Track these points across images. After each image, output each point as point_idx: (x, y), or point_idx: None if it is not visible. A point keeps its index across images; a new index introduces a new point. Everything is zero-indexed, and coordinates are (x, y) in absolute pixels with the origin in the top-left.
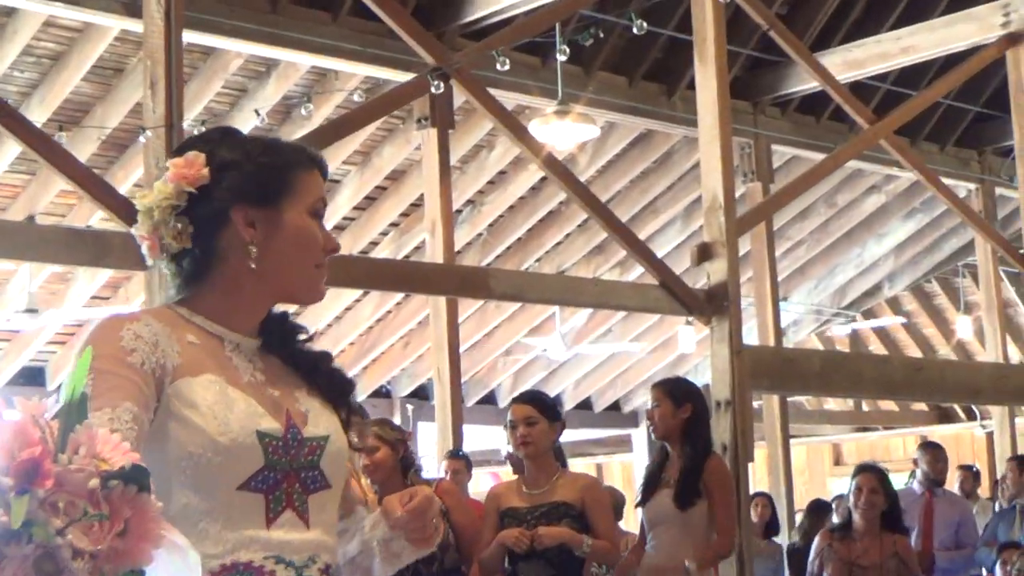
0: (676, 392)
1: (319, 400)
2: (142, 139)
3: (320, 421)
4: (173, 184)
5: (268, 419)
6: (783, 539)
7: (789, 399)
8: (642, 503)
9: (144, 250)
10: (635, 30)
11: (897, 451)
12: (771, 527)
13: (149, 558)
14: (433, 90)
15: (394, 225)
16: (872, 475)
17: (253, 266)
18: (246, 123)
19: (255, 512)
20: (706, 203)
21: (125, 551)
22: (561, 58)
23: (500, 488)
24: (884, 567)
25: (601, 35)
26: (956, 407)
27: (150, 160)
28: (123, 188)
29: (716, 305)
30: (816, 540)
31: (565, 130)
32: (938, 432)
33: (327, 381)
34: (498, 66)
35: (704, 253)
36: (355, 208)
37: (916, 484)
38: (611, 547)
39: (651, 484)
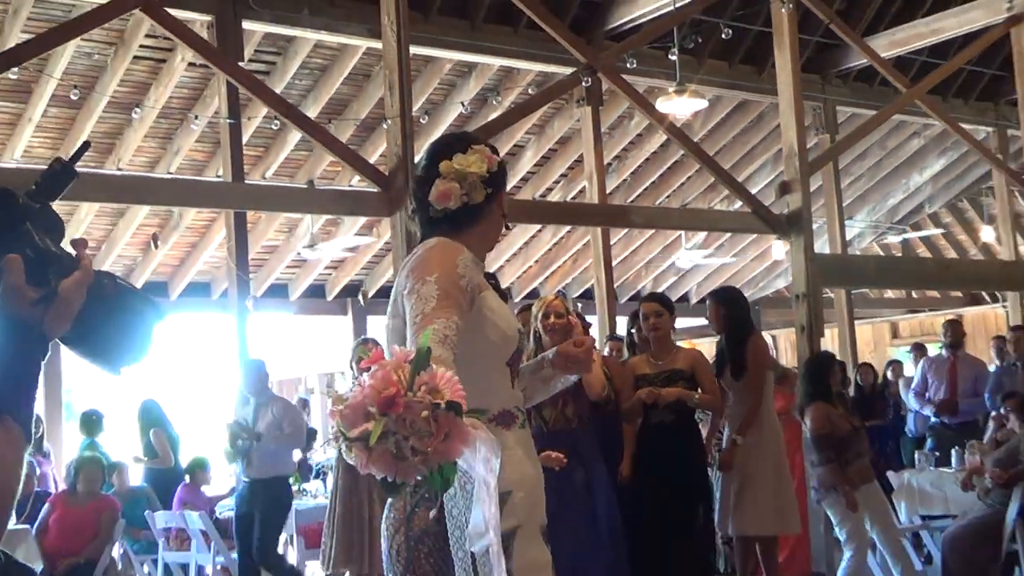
0: (721, 296)
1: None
2: (385, 126)
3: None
4: (487, 164)
5: (518, 323)
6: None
7: (855, 291)
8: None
9: (437, 196)
10: (723, 35)
11: (939, 327)
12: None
13: (460, 453)
14: (584, 83)
15: (563, 176)
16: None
17: (509, 227)
18: (454, 111)
19: (507, 378)
20: (785, 152)
21: (445, 451)
22: (675, 53)
23: (635, 361)
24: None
25: (699, 40)
26: (983, 293)
27: (392, 140)
28: (372, 159)
29: (794, 225)
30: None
31: (682, 104)
32: (969, 312)
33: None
34: (627, 64)
35: (784, 188)
36: (535, 165)
37: (944, 350)
38: (712, 399)
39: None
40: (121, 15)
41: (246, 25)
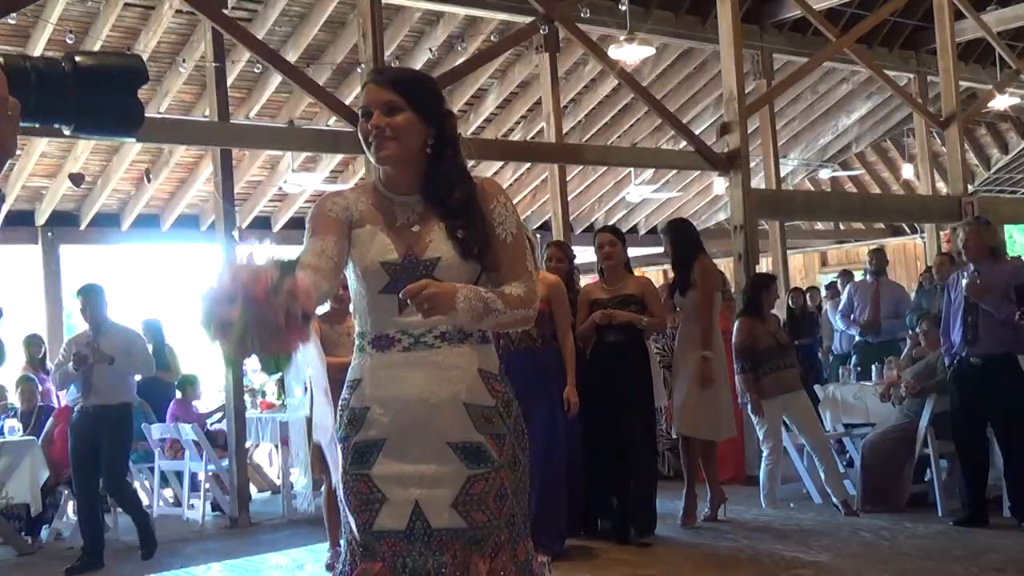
0: (670, 225)
1: (446, 234)
2: (359, 69)
3: (439, 248)
4: None
5: (392, 252)
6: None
7: (788, 224)
8: (671, 295)
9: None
10: None
11: (863, 256)
12: None
13: (294, 348)
14: (541, 31)
15: (523, 118)
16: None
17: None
18: (422, 56)
19: (391, 306)
20: (725, 96)
21: (282, 344)
22: (625, 3)
23: (589, 287)
24: (776, 332)
25: None
26: (903, 225)
27: None
28: (348, 101)
29: (732, 163)
30: (739, 322)
31: (632, 51)
32: (890, 243)
33: (458, 217)
34: (580, 13)
35: (724, 129)
36: (497, 107)
37: (868, 276)
38: (660, 322)
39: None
40: None
41: None
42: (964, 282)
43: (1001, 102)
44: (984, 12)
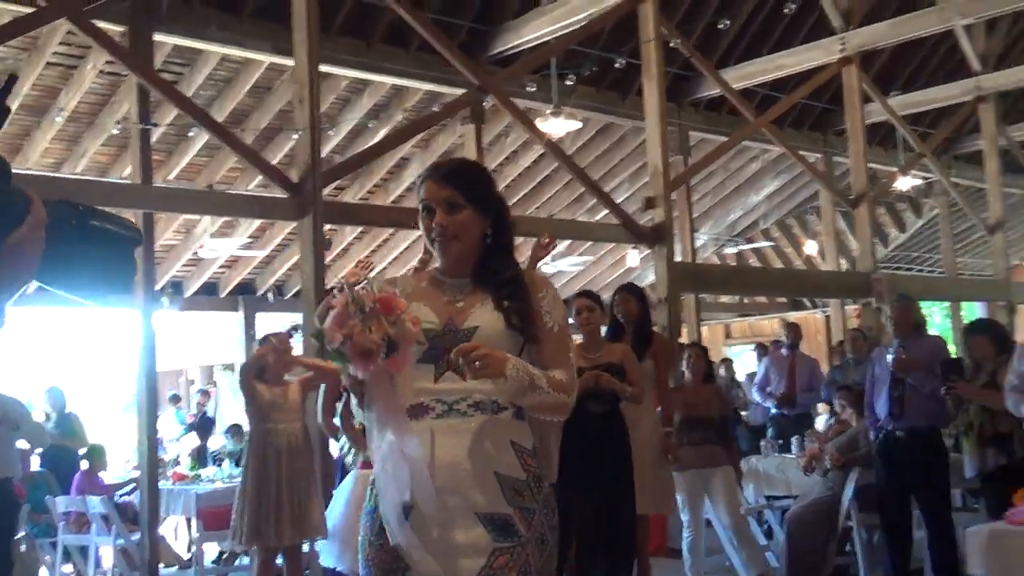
0: (636, 291)
1: (491, 307)
2: (295, 136)
3: (480, 318)
4: None
5: (432, 320)
6: None
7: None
8: None
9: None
10: (585, 72)
11: (766, 328)
12: None
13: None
14: (485, 103)
15: None
16: (695, 349)
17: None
18: (349, 124)
19: (427, 375)
20: (651, 171)
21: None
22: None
23: None
24: (709, 404)
25: (590, 71)
26: (805, 300)
27: (301, 149)
28: (274, 162)
29: (658, 236)
30: None
31: (559, 124)
32: (792, 316)
33: (506, 289)
34: (524, 87)
35: (649, 203)
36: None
37: (784, 349)
38: (640, 392)
39: None
40: (43, 25)
41: (157, 37)
42: (890, 357)
43: (904, 183)
44: (888, 97)
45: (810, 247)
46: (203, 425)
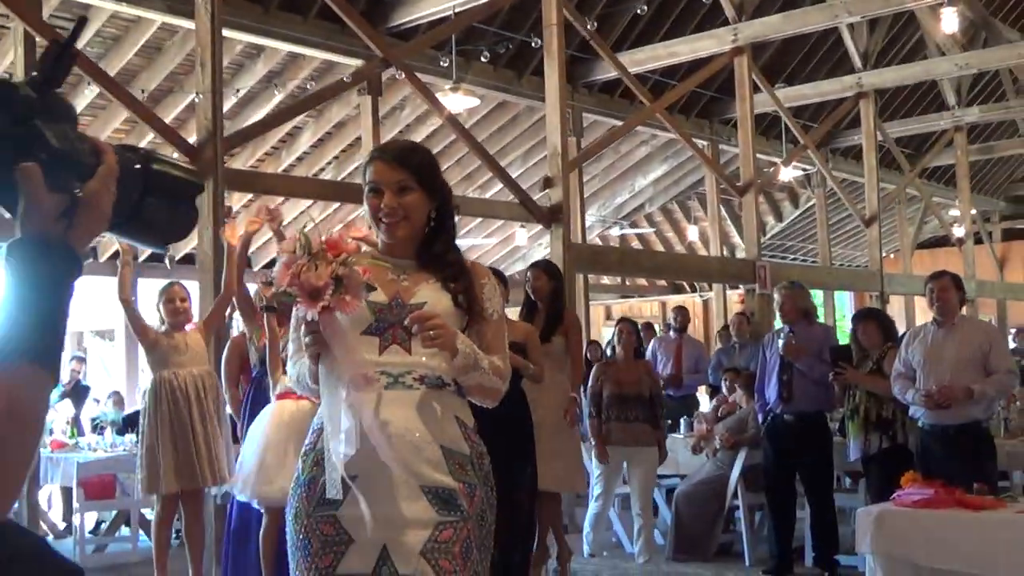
0: (550, 268)
1: (439, 286)
2: (197, 100)
3: (426, 295)
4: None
5: (380, 295)
6: None
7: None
8: None
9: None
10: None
11: (646, 311)
12: None
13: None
14: (394, 75)
15: (336, 158)
16: (627, 324)
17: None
18: (240, 90)
19: (371, 347)
20: (549, 151)
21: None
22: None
23: None
24: (640, 382)
25: (501, 50)
26: (684, 283)
27: (202, 114)
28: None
29: (555, 217)
30: (594, 369)
31: (458, 100)
32: (672, 300)
33: (451, 270)
34: (440, 63)
35: (547, 183)
36: (311, 146)
37: (671, 332)
38: (541, 371)
39: None
40: None
41: None
42: (780, 343)
43: (786, 174)
44: (775, 88)
45: (691, 232)
46: (76, 392)
